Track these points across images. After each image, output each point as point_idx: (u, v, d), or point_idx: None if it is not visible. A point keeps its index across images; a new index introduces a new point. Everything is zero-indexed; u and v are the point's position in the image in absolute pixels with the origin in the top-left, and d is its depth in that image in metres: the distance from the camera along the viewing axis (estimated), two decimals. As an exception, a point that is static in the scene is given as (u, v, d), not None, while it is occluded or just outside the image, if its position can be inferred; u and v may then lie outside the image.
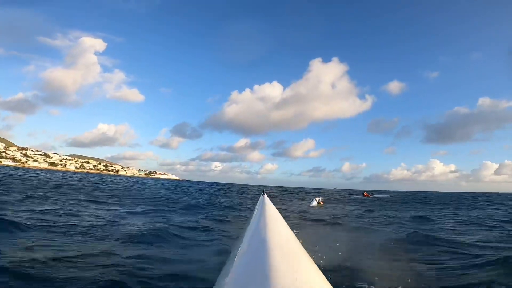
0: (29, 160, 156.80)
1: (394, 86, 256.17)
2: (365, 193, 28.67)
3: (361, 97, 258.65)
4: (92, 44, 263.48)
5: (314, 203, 18.06)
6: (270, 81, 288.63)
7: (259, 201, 2.27)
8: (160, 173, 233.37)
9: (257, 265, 0.81)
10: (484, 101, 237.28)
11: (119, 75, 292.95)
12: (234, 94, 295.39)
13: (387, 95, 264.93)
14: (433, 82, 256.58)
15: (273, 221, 1.34)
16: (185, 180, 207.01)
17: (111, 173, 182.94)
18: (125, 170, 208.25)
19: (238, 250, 1.05)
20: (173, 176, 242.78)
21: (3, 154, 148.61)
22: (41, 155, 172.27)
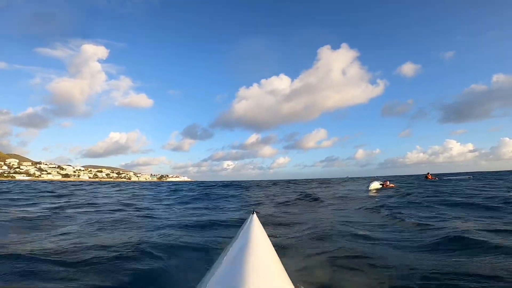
0: (43, 174, 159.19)
1: (408, 68, 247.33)
2: (429, 175, 20.91)
3: (373, 82, 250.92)
4: (94, 51, 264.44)
5: (376, 185, 13.26)
6: (277, 74, 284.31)
7: (248, 218, 2.18)
8: (172, 176, 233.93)
9: (234, 275, 0.91)
10: (499, 78, 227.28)
11: (125, 81, 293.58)
12: (242, 90, 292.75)
13: (401, 78, 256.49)
14: (449, 62, 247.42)
15: (255, 236, 1.46)
16: (196, 181, 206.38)
17: (124, 180, 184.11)
18: (137, 176, 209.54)
19: (221, 259, 1.17)
20: (185, 178, 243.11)
21: (17, 170, 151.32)
22: (54, 167, 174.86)
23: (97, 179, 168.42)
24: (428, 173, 21.32)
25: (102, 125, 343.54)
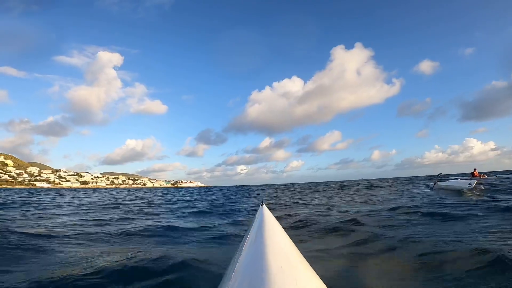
0: (62, 181, 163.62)
1: (426, 66, 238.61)
2: (476, 172, 17.31)
3: (389, 81, 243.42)
4: (109, 58, 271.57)
5: (463, 185, 10.58)
6: (289, 77, 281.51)
7: (258, 211, 2.18)
8: (186, 182, 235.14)
9: (257, 273, 0.84)
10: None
11: (140, 88, 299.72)
12: (254, 94, 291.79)
13: (418, 76, 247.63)
14: (468, 58, 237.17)
15: (271, 229, 1.40)
16: (209, 186, 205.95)
17: (139, 186, 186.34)
18: (152, 182, 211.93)
19: (238, 258, 1.08)
20: (199, 184, 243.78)
21: (38, 178, 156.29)
22: (73, 175, 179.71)
23: (113, 186, 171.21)
24: (475, 169, 17.73)
25: (118, 132, 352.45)
